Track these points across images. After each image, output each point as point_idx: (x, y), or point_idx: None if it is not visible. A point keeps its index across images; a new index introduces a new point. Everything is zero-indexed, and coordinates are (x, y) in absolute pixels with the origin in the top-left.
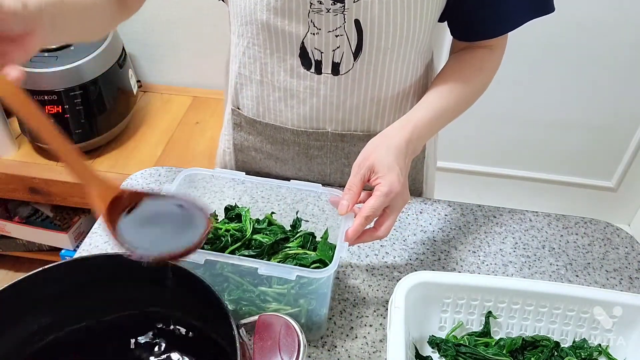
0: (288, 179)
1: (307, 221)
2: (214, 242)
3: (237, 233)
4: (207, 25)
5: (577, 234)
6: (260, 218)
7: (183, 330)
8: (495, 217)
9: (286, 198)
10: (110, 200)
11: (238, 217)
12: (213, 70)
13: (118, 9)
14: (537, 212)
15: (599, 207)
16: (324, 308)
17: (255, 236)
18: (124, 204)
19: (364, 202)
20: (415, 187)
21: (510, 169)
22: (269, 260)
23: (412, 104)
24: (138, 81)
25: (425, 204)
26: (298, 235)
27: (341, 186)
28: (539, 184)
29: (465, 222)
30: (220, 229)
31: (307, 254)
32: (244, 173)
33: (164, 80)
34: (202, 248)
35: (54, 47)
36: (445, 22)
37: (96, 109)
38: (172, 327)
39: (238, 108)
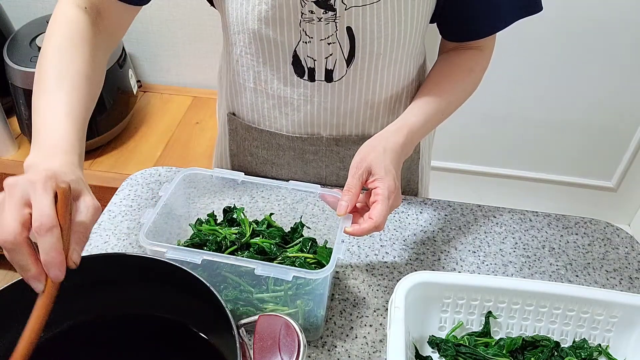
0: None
1: (309, 228)
2: (213, 243)
3: (236, 237)
4: (207, 25)
5: (577, 234)
6: (260, 218)
7: (182, 330)
8: (495, 217)
9: (286, 198)
10: None
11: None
12: (213, 70)
13: (107, 52)
14: (537, 212)
15: (599, 207)
16: (321, 309)
17: (254, 240)
18: None
19: (361, 202)
20: (411, 188)
21: (510, 169)
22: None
23: (405, 106)
24: (138, 81)
25: (425, 204)
26: (297, 241)
27: (336, 187)
28: (539, 184)
29: (465, 222)
30: (221, 234)
31: (306, 257)
32: (243, 173)
33: (164, 80)
34: (201, 248)
35: None
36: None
37: (96, 109)
38: (171, 326)
39: (233, 114)
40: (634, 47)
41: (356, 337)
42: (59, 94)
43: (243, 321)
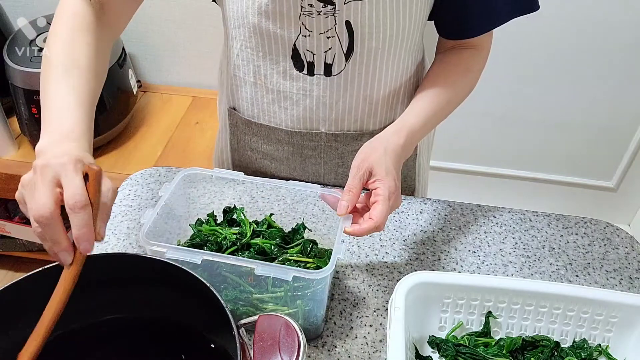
0: (284, 179)
1: (310, 230)
2: (213, 243)
3: (236, 237)
4: (207, 25)
5: (577, 234)
6: (260, 218)
7: (182, 330)
8: (495, 217)
9: (286, 198)
10: None
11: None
12: (213, 70)
13: (109, 43)
14: (537, 212)
15: (599, 207)
16: (321, 309)
17: (254, 240)
18: None
19: (361, 202)
20: (408, 185)
21: (510, 169)
22: None
23: (403, 102)
24: (138, 81)
25: (425, 204)
26: (297, 242)
27: (335, 186)
28: (539, 184)
29: (465, 222)
30: (221, 234)
31: (307, 262)
32: (243, 173)
33: (164, 80)
34: (201, 248)
35: None
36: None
37: (96, 108)
38: (171, 327)
39: (234, 109)
40: (633, 47)
41: (356, 337)
42: (68, 82)
43: (243, 321)
